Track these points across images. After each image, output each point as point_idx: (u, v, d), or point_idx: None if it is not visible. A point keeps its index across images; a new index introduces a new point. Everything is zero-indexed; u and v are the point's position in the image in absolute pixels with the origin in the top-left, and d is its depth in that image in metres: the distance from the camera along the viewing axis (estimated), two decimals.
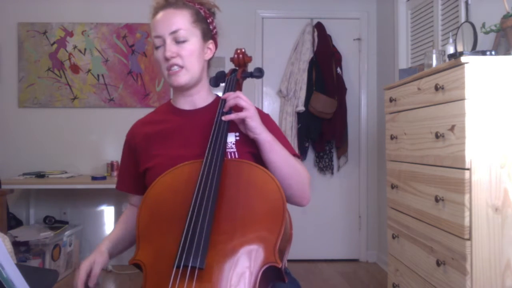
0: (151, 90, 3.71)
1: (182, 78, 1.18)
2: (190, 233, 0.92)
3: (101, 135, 3.69)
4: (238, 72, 1.30)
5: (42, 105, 3.66)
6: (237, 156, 1.16)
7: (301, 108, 3.52)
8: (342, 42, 3.75)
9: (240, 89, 1.29)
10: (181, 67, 1.17)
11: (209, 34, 1.24)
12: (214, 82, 1.31)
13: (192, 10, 1.20)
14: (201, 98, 1.26)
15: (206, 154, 1.07)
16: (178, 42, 1.16)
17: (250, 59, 1.34)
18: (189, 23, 1.18)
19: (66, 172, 3.51)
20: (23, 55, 3.65)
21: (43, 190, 3.59)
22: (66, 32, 3.67)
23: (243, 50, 1.34)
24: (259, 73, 1.29)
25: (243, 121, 1.13)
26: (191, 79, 1.20)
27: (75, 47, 3.68)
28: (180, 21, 1.16)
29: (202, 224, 0.93)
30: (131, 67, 3.70)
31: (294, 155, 1.20)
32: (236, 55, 1.33)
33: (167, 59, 1.15)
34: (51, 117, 3.68)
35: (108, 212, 3.72)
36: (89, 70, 3.69)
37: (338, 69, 3.64)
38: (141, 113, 1.41)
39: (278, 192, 1.01)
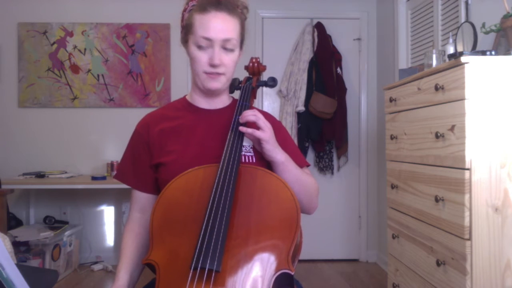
0: (151, 90, 3.71)
1: (219, 84, 1.19)
2: (207, 236, 0.93)
3: (101, 135, 3.69)
4: (253, 81, 1.33)
5: (42, 105, 3.66)
6: (254, 160, 1.17)
7: (301, 108, 3.52)
8: (342, 42, 3.75)
9: (255, 97, 1.33)
10: (222, 74, 1.18)
11: (244, 41, 1.25)
12: (229, 88, 1.33)
13: (240, 18, 1.19)
14: (221, 100, 1.28)
15: (222, 159, 1.09)
16: (225, 50, 1.16)
17: (264, 68, 1.36)
18: (239, 33, 1.18)
19: (66, 172, 3.51)
20: (23, 55, 3.65)
21: (43, 190, 3.59)
22: (66, 32, 3.67)
23: (258, 59, 1.37)
24: (272, 82, 1.32)
25: (258, 140, 1.14)
26: (225, 84, 1.22)
27: (75, 47, 3.68)
28: (233, 30, 1.15)
29: (218, 228, 0.94)
30: (131, 67, 3.70)
31: (304, 164, 1.23)
32: (251, 64, 1.36)
33: (212, 65, 1.15)
34: (51, 117, 3.68)
35: (108, 212, 3.72)
36: (89, 70, 3.69)
37: (338, 69, 3.64)
38: (141, 113, 1.41)
39: (292, 201, 1.03)
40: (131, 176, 1.25)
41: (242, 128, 1.13)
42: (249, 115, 1.13)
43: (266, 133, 1.11)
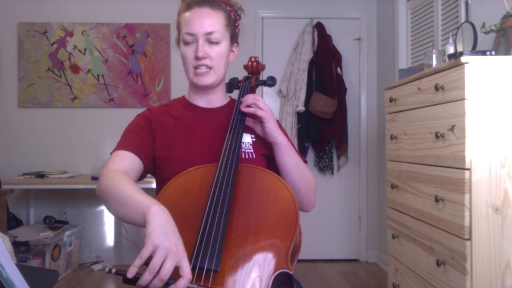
0: (151, 90, 3.71)
1: (209, 79, 1.20)
2: (205, 236, 0.93)
3: (101, 135, 3.69)
4: (252, 80, 1.34)
5: (42, 105, 3.66)
6: (254, 157, 1.19)
7: (301, 108, 3.52)
8: (342, 42, 3.75)
9: None
10: (209, 68, 1.19)
11: (235, 37, 1.27)
12: (228, 88, 1.34)
13: (226, 13, 1.22)
14: (218, 98, 1.29)
15: (221, 159, 1.09)
16: (210, 43, 1.18)
17: (263, 67, 1.38)
18: (223, 26, 1.20)
19: (66, 172, 3.51)
20: (23, 55, 3.65)
21: (43, 190, 3.59)
22: (66, 32, 3.67)
23: (257, 59, 1.38)
24: (271, 82, 1.33)
25: (260, 123, 1.17)
26: (216, 80, 1.22)
27: (75, 47, 3.68)
28: (216, 23, 1.18)
29: (217, 228, 0.94)
30: (131, 67, 3.70)
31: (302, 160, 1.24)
32: (250, 63, 1.37)
33: (197, 58, 1.17)
34: (51, 117, 3.68)
35: (108, 212, 3.71)
36: (89, 70, 3.69)
37: (338, 69, 3.64)
38: None
39: (291, 200, 1.03)
40: (126, 142, 1.18)
41: (245, 108, 1.17)
42: (249, 98, 1.17)
43: (267, 112, 1.16)
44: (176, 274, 0.81)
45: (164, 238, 0.82)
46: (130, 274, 0.80)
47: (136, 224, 0.93)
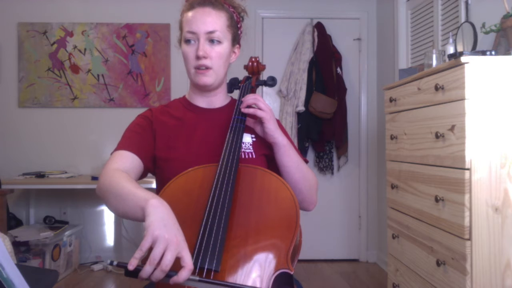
0: (151, 90, 3.71)
1: (209, 78, 1.20)
2: (206, 236, 0.93)
3: (101, 135, 3.69)
4: (252, 80, 1.34)
5: (42, 105, 3.66)
6: (254, 157, 1.19)
7: (301, 108, 3.52)
8: (342, 42, 3.75)
9: None
10: (209, 68, 1.19)
11: (237, 38, 1.28)
12: (229, 88, 1.35)
13: (228, 13, 1.23)
14: (219, 99, 1.29)
15: (221, 159, 1.09)
16: (211, 42, 1.18)
17: (264, 67, 1.38)
18: (225, 26, 1.20)
19: (66, 172, 3.51)
20: (23, 55, 3.65)
21: (43, 190, 3.59)
22: (66, 32, 3.67)
23: (257, 59, 1.39)
24: (272, 82, 1.34)
25: (260, 123, 1.18)
26: (216, 80, 1.23)
27: (75, 47, 3.68)
28: (218, 22, 1.19)
29: (217, 228, 0.94)
30: (131, 67, 3.70)
31: (303, 159, 1.24)
32: (250, 63, 1.38)
33: (198, 58, 1.17)
34: (51, 117, 3.68)
35: (108, 212, 3.72)
36: (89, 70, 3.69)
37: (338, 69, 3.64)
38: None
39: (291, 200, 1.03)
40: (126, 142, 1.18)
41: (245, 109, 1.17)
42: (249, 99, 1.17)
43: (267, 113, 1.16)
44: (177, 266, 0.81)
45: (164, 229, 0.82)
46: (131, 266, 0.80)
47: (136, 219, 0.94)
